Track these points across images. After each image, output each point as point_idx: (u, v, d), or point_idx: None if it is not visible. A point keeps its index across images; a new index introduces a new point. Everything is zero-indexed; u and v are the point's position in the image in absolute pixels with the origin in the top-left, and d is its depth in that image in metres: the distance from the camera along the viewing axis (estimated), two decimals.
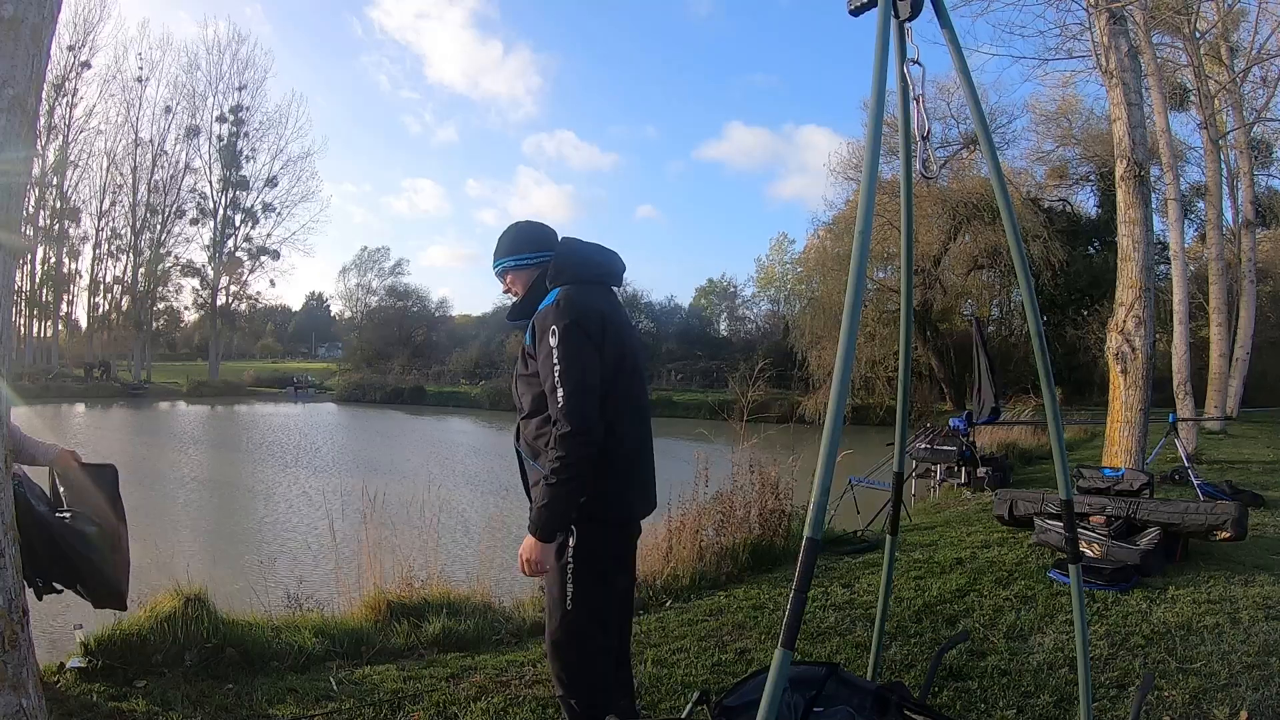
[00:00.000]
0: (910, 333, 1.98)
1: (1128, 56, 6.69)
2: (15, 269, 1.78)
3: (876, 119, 1.47)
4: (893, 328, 22.05)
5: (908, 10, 1.67)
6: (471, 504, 9.43)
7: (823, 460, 1.25)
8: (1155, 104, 10.36)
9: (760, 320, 42.52)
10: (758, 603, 3.98)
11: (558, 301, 2.10)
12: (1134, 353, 6.46)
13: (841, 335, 1.32)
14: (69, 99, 35.37)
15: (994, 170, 1.77)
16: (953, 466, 8.67)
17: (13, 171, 1.62)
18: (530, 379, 2.17)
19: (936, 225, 23.14)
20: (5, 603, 1.59)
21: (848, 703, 2.05)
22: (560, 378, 2.01)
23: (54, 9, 1.69)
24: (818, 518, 1.24)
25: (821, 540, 1.25)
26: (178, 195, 39.17)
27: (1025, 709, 2.68)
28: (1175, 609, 3.69)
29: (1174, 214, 11.63)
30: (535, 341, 2.12)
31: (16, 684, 1.58)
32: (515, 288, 2.31)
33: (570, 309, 2.08)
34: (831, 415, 1.28)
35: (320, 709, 2.71)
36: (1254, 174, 16.46)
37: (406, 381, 38.50)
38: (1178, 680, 2.88)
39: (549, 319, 2.07)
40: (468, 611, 3.69)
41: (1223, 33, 13.80)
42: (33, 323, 37.82)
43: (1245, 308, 14.11)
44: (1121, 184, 6.66)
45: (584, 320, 2.07)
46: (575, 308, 2.09)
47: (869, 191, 1.45)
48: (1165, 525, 4.46)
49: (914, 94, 1.77)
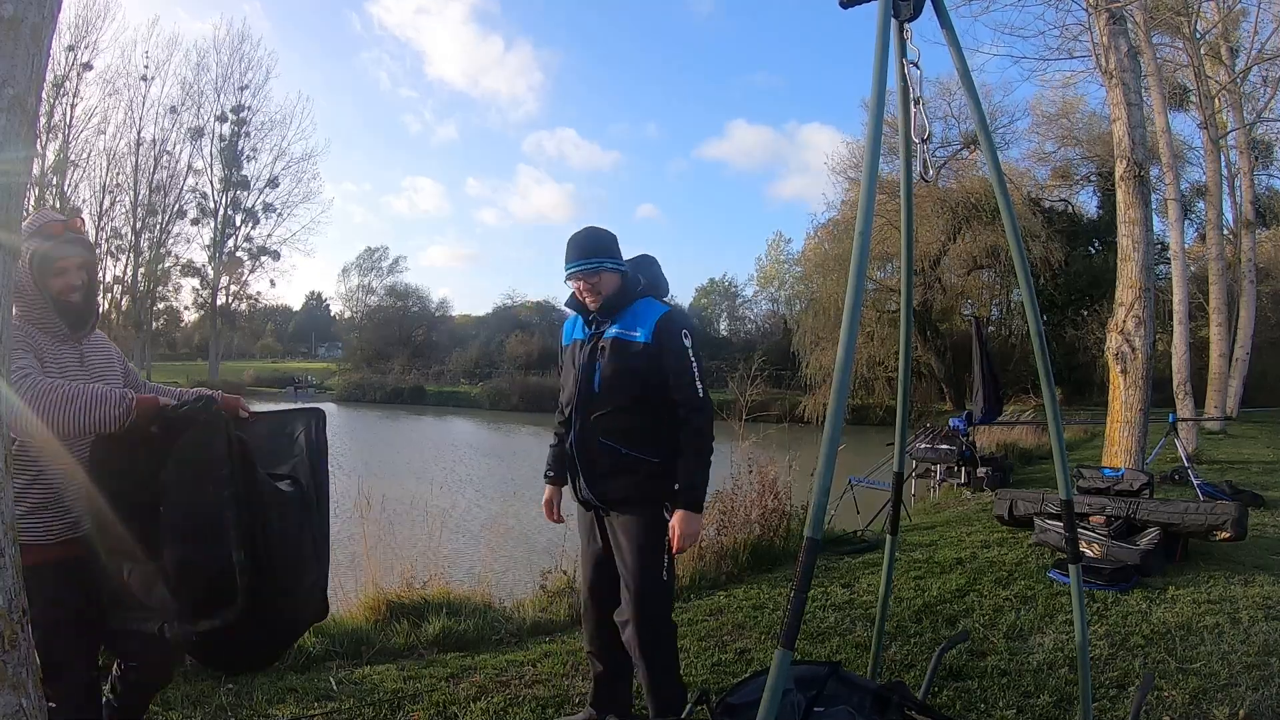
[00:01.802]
0: (910, 333, 1.98)
1: (1128, 57, 6.69)
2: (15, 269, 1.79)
3: (876, 119, 1.47)
4: (893, 328, 22.05)
5: (908, 10, 1.67)
6: (472, 504, 9.43)
7: (823, 460, 1.25)
8: (1155, 104, 10.36)
9: (760, 320, 42.55)
10: (758, 602, 3.98)
11: (675, 311, 2.46)
12: (1134, 353, 6.45)
13: (841, 335, 1.32)
14: (69, 99, 35.38)
15: (994, 170, 1.77)
16: (953, 466, 8.67)
17: (13, 171, 1.62)
18: (635, 372, 2.37)
19: (936, 225, 23.11)
20: (5, 603, 1.59)
21: (848, 702, 2.05)
22: (696, 372, 2.40)
23: (54, 9, 1.68)
24: (818, 518, 1.24)
25: (821, 540, 1.25)
26: (179, 195, 39.22)
27: (1025, 709, 2.68)
28: (1175, 609, 3.69)
29: (1174, 214, 11.63)
30: (660, 341, 2.37)
31: (16, 684, 1.58)
32: (602, 286, 2.43)
33: (686, 319, 2.50)
34: (831, 415, 1.28)
35: (320, 709, 2.71)
36: (1254, 174, 16.47)
37: (406, 381, 38.52)
38: (1178, 680, 2.88)
39: (677, 323, 2.41)
40: (468, 611, 3.69)
41: (1223, 33, 13.79)
42: None
43: (1245, 308, 14.11)
44: (1121, 184, 6.66)
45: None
46: (687, 319, 2.51)
47: (869, 192, 1.45)
48: (1165, 525, 4.46)
49: (913, 95, 1.77)
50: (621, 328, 2.41)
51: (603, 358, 2.40)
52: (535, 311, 46.54)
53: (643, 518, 2.39)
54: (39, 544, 1.87)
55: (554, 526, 2.88)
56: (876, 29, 1.53)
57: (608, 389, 2.38)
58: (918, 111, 1.73)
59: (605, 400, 2.38)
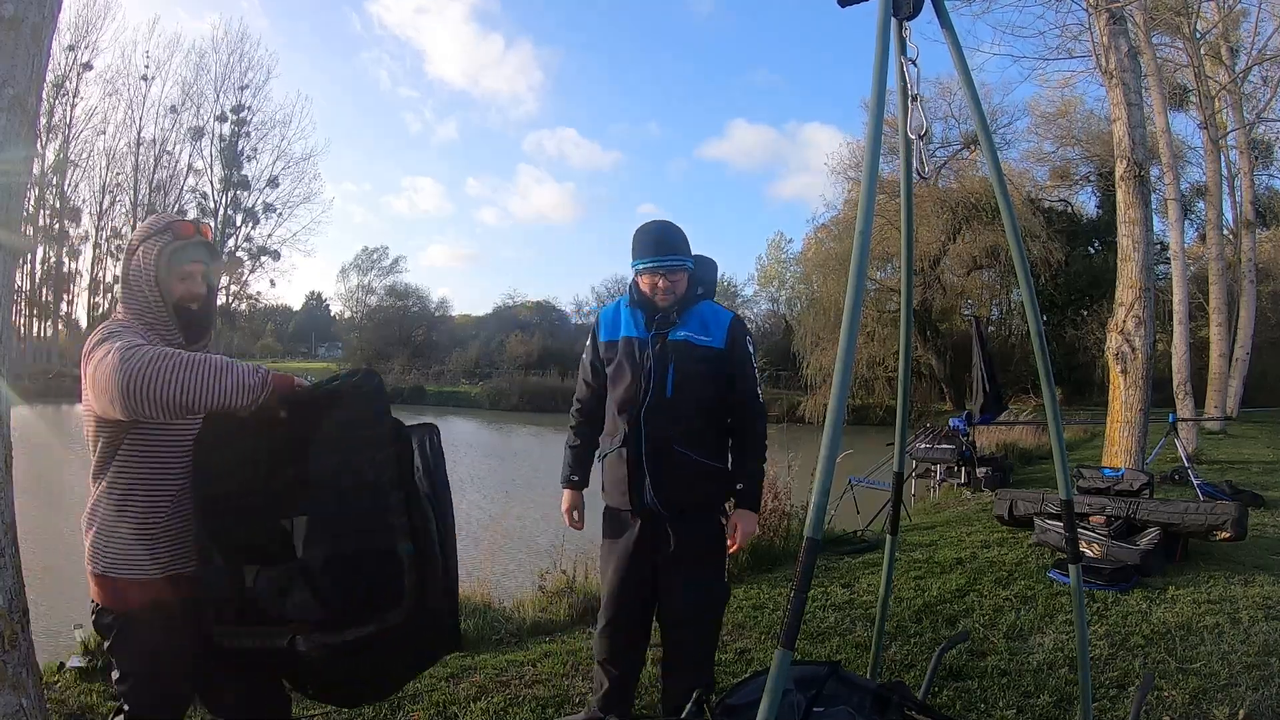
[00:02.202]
0: (910, 333, 1.98)
1: (1128, 57, 6.69)
2: (15, 269, 1.78)
3: (876, 119, 1.47)
4: (893, 328, 22.04)
5: (908, 8, 1.67)
6: (473, 504, 9.43)
7: (823, 460, 1.25)
8: (1155, 104, 10.36)
9: (760, 320, 42.50)
10: (758, 603, 3.98)
11: (739, 316, 2.46)
12: (1134, 353, 6.45)
13: (841, 335, 1.32)
14: (69, 99, 35.39)
15: (994, 170, 1.77)
16: (953, 466, 8.67)
17: (13, 171, 1.62)
18: (706, 376, 2.34)
19: (936, 225, 23.12)
20: (5, 603, 1.59)
21: (848, 702, 2.05)
22: (758, 376, 2.42)
23: (54, 8, 1.69)
24: (818, 518, 1.24)
25: (821, 540, 1.25)
26: (179, 195, 39.23)
27: (1025, 709, 2.68)
28: (1175, 609, 3.69)
29: (1174, 214, 11.63)
30: (733, 346, 2.36)
31: (16, 684, 1.58)
32: (679, 286, 2.35)
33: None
34: (832, 415, 1.28)
35: (320, 709, 2.71)
36: (1254, 174, 16.46)
37: (406, 381, 38.49)
38: (1178, 680, 2.88)
39: (744, 329, 2.42)
40: (468, 611, 3.69)
41: (1223, 33, 13.80)
42: (33, 323, 37.82)
43: (1245, 308, 14.11)
44: (1121, 184, 6.66)
45: None
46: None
47: (869, 191, 1.45)
48: (1165, 525, 4.46)
49: (911, 93, 1.77)
50: (691, 331, 2.33)
51: (674, 360, 2.31)
52: (535, 311, 46.53)
53: (709, 524, 2.39)
54: (138, 579, 1.64)
55: (554, 527, 2.88)
56: (876, 28, 1.53)
57: (680, 393, 2.30)
58: (915, 109, 1.73)
59: (677, 405, 2.30)
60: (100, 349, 1.56)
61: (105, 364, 1.49)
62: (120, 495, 1.63)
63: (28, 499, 3.30)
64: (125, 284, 1.73)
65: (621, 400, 2.36)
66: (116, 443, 1.63)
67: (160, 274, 1.70)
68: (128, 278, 1.72)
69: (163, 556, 1.64)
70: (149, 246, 1.71)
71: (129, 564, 1.63)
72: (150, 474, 1.64)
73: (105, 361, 1.50)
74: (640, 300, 2.38)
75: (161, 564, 1.64)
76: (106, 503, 1.64)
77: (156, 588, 1.64)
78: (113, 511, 1.63)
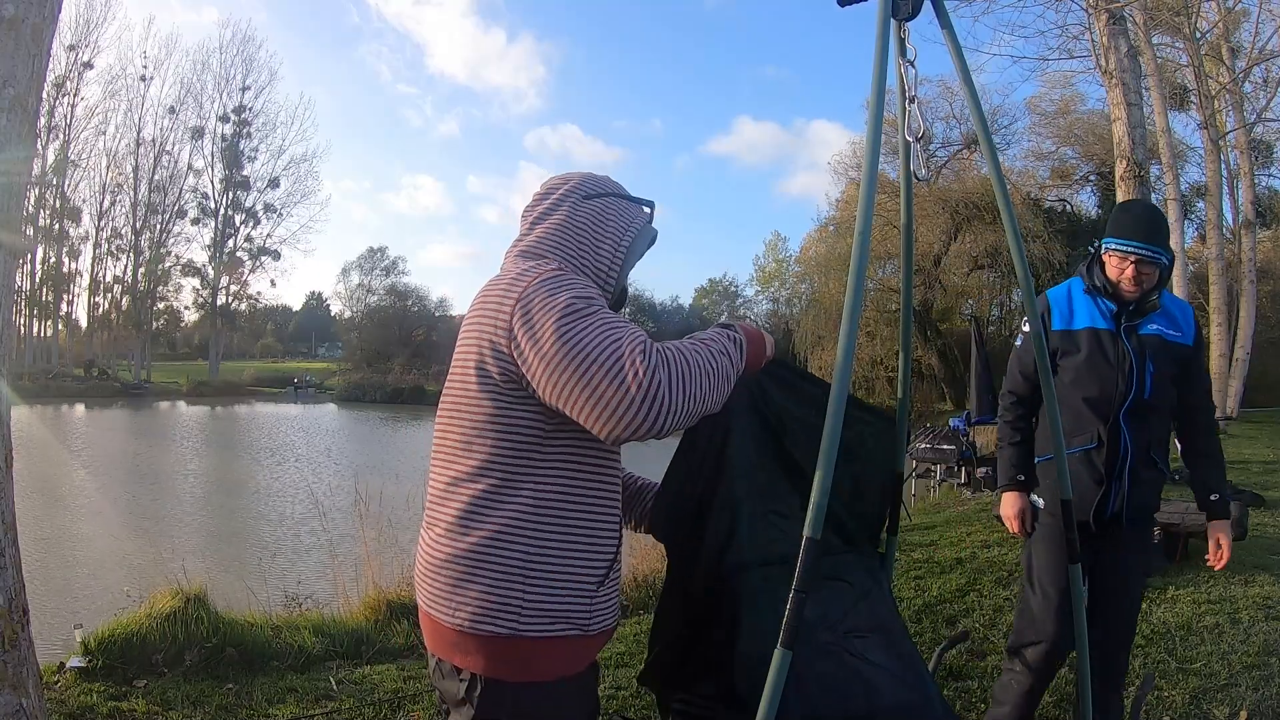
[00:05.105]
0: (910, 333, 1.97)
1: (1127, 57, 6.70)
2: (15, 269, 1.78)
3: (876, 118, 1.47)
4: (893, 327, 22.04)
5: (907, 9, 1.67)
6: None
7: (823, 460, 1.25)
8: (1155, 104, 10.37)
9: (761, 320, 42.51)
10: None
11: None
12: None
13: (841, 335, 1.32)
14: (69, 99, 35.40)
15: (994, 170, 1.77)
16: (953, 466, 8.68)
17: (13, 171, 1.62)
18: (1174, 376, 2.16)
19: (937, 225, 23.14)
20: (5, 602, 1.59)
21: None
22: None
23: (55, 9, 1.69)
24: (818, 518, 1.24)
25: (821, 540, 1.25)
26: (179, 195, 39.25)
27: None
28: (1175, 609, 3.69)
29: (1174, 214, 11.61)
30: (1198, 343, 2.22)
31: (16, 684, 1.58)
32: (1152, 279, 2.10)
33: None
34: (832, 415, 1.27)
35: (320, 709, 2.71)
36: (1254, 174, 16.46)
37: (407, 381, 38.50)
38: (1178, 680, 2.88)
39: (1198, 322, 2.26)
40: None
41: (1223, 33, 13.80)
42: (33, 323, 37.82)
43: (1245, 308, 14.10)
44: (1121, 184, 6.67)
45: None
46: None
47: (869, 191, 1.44)
48: (1165, 525, 4.45)
49: (909, 97, 1.77)
50: (1162, 325, 2.13)
51: (1152, 357, 2.10)
52: None
53: (1148, 533, 2.30)
54: (582, 634, 1.17)
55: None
56: (876, 28, 1.53)
57: (1157, 393, 2.11)
58: (913, 111, 1.72)
59: (1153, 406, 2.11)
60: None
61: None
62: (598, 537, 1.20)
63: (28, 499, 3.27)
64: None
65: (1093, 400, 2.13)
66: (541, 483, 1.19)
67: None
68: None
69: (614, 600, 1.24)
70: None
71: (560, 617, 1.15)
72: (597, 498, 1.22)
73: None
74: (1101, 283, 2.14)
75: (607, 616, 1.22)
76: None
77: (594, 644, 1.22)
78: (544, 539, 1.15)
